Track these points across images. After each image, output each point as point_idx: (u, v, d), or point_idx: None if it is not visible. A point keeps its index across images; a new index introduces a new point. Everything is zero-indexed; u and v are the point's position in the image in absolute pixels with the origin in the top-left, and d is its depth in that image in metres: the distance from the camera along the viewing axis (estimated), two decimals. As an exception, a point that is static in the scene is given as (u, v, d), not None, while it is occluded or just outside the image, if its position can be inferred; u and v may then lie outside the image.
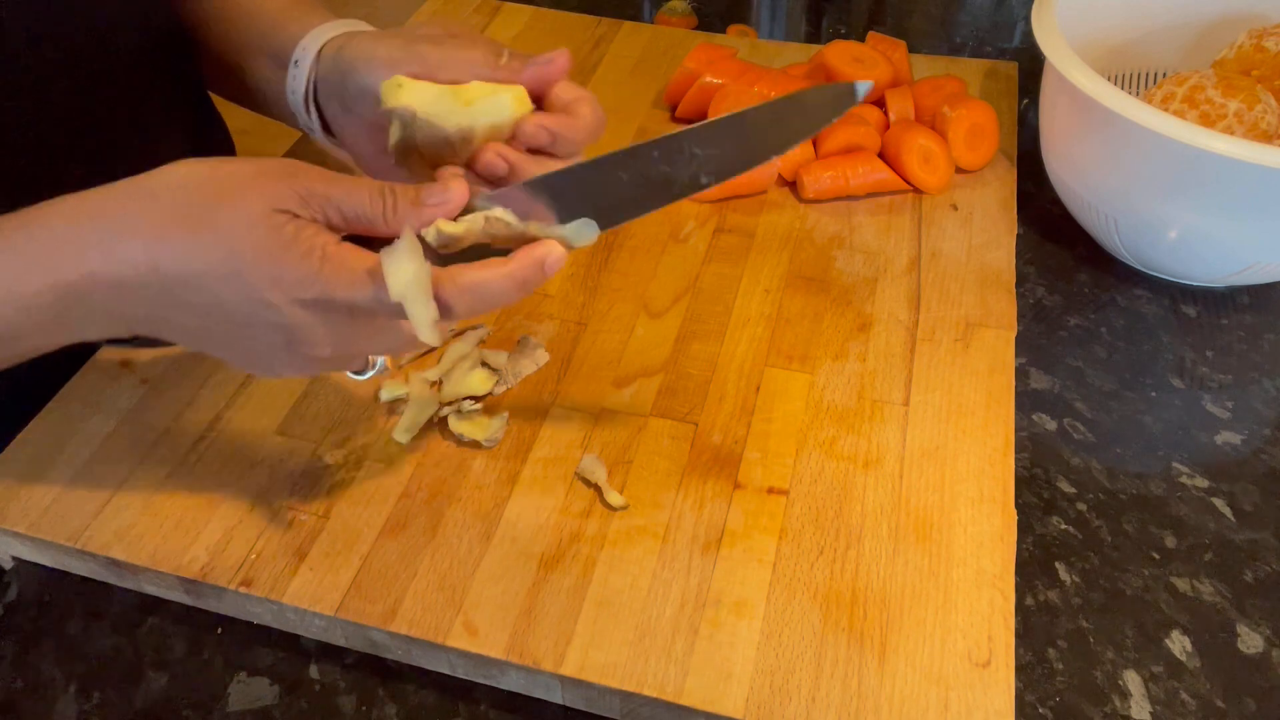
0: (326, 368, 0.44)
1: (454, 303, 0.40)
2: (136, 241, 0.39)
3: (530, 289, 0.42)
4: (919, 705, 0.42)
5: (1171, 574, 0.50)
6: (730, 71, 0.73)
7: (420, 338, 0.39)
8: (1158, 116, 0.54)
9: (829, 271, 0.62)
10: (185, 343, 0.43)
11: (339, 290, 0.39)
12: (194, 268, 0.39)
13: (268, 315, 0.39)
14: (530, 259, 0.41)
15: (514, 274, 0.41)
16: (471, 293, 0.40)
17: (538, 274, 0.42)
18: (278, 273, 0.39)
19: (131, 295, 0.40)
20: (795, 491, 0.50)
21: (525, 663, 0.43)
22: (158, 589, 0.49)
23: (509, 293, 0.41)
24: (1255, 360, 0.60)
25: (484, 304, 0.41)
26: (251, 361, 0.43)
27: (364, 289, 0.39)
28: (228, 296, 0.39)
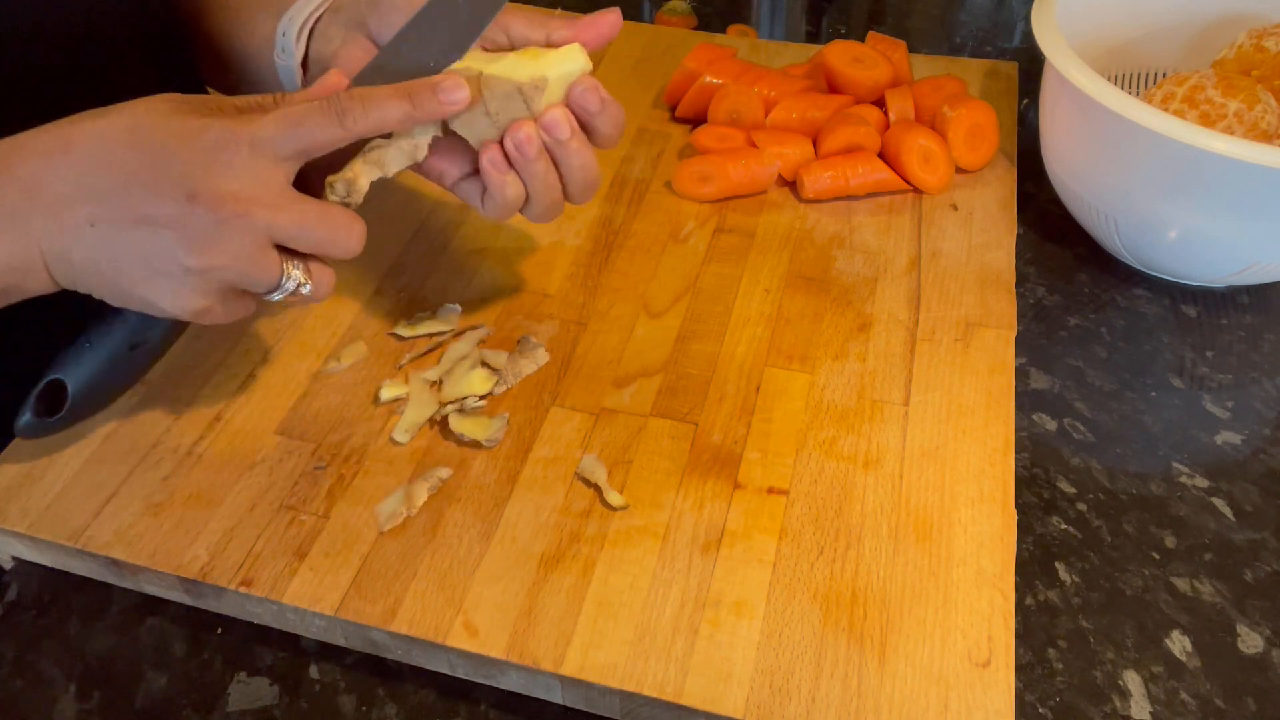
0: (234, 249, 0.42)
1: (349, 106, 0.42)
2: (43, 140, 0.42)
3: (422, 107, 0.44)
4: (919, 705, 0.42)
5: (1171, 574, 0.50)
6: (730, 71, 0.73)
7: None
8: (1158, 116, 0.54)
9: (829, 271, 0.62)
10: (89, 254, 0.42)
11: (241, 124, 0.41)
12: (101, 139, 0.41)
13: (170, 164, 0.40)
14: (427, 79, 0.44)
15: (405, 86, 0.44)
16: (365, 98, 0.43)
17: (429, 92, 0.44)
18: (181, 123, 0.41)
19: (38, 183, 0.41)
20: (795, 491, 0.50)
21: (525, 663, 0.43)
22: (158, 589, 0.49)
23: (398, 100, 0.43)
24: (1255, 360, 0.60)
25: (378, 110, 0.43)
26: (156, 259, 0.42)
27: (269, 119, 0.41)
28: (127, 157, 0.41)
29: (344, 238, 0.44)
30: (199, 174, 0.40)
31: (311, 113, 0.42)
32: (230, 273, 0.42)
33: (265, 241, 0.43)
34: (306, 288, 0.45)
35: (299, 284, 0.44)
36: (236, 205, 0.41)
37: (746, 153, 0.67)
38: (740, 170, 0.66)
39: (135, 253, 0.42)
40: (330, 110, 0.42)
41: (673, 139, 0.73)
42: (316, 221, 0.43)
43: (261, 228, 0.42)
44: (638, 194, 0.68)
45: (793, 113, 0.70)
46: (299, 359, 0.57)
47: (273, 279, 0.43)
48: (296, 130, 0.42)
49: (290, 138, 0.42)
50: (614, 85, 0.78)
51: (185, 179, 0.40)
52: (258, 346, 0.58)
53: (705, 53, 0.74)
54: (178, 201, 0.40)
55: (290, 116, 0.42)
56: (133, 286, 0.43)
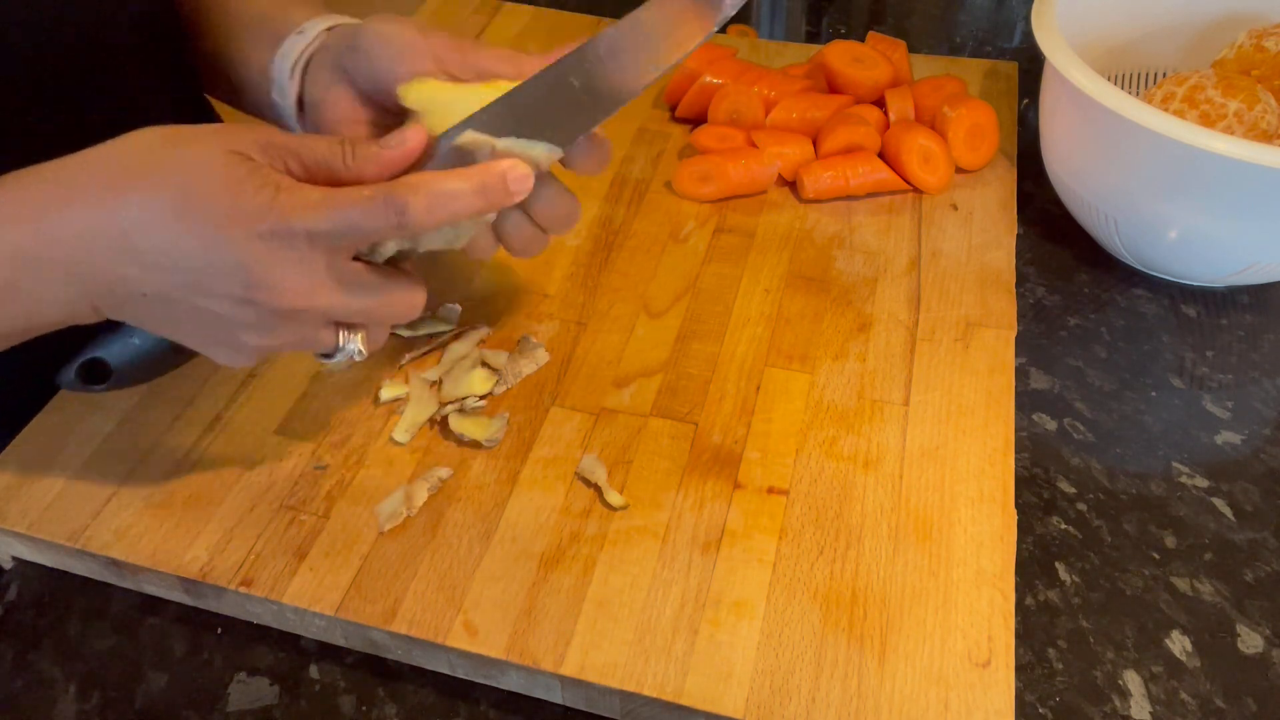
0: (292, 336, 0.41)
1: (411, 202, 0.39)
2: (92, 194, 0.39)
3: (491, 199, 0.41)
4: (919, 705, 0.42)
5: (1171, 574, 0.50)
6: (730, 71, 0.73)
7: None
8: (1158, 116, 0.54)
9: (829, 271, 0.62)
10: (145, 317, 0.42)
11: (296, 215, 0.38)
12: (149, 210, 0.39)
13: (225, 254, 0.38)
14: (493, 167, 0.42)
15: (472, 176, 0.41)
16: (430, 194, 0.40)
17: (500, 183, 0.42)
18: (233, 204, 0.38)
19: (86, 251, 0.39)
20: (795, 491, 0.50)
21: (525, 663, 0.43)
22: (158, 589, 0.49)
23: (468, 196, 0.41)
24: (1255, 360, 0.60)
25: (443, 207, 0.40)
26: (213, 330, 0.41)
27: (323, 212, 0.39)
28: (183, 237, 0.38)
29: (402, 311, 0.44)
30: (255, 268, 0.39)
31: (370, 208, 0.39)
32: (287, 348, 0.42)
33: (324, 323, 0.42)
34: (361, 355, 0.44)
35: (355, 353, 0.44)
36: (295, 299, 0.40)
37: (746, 153, 0.67)
38: (740, 170, 0.66)
39: (191, 323, 0.41)
40: (390, 209, 0.39)
41: (673, 139, 0.73)
42: (375, 305, 0.42)
43: (320, 315, 0.41)
44: (638, 194, 0.68)
45: (793, 113, 0.70)
46: (299, 359, 0.57)
47: (329, 349, 0.43)
48: (352, 225, 0.39)
49: (347, 234, 0.40)
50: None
51: (241, 271, 0.39)
52: (258, 346, 0.58)
53: (705, 53, 0.74)
54: (233, 293, 0.39)
55: (348, 209, 0.39)
56: (190, 343, 0.43)
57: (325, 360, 0.44)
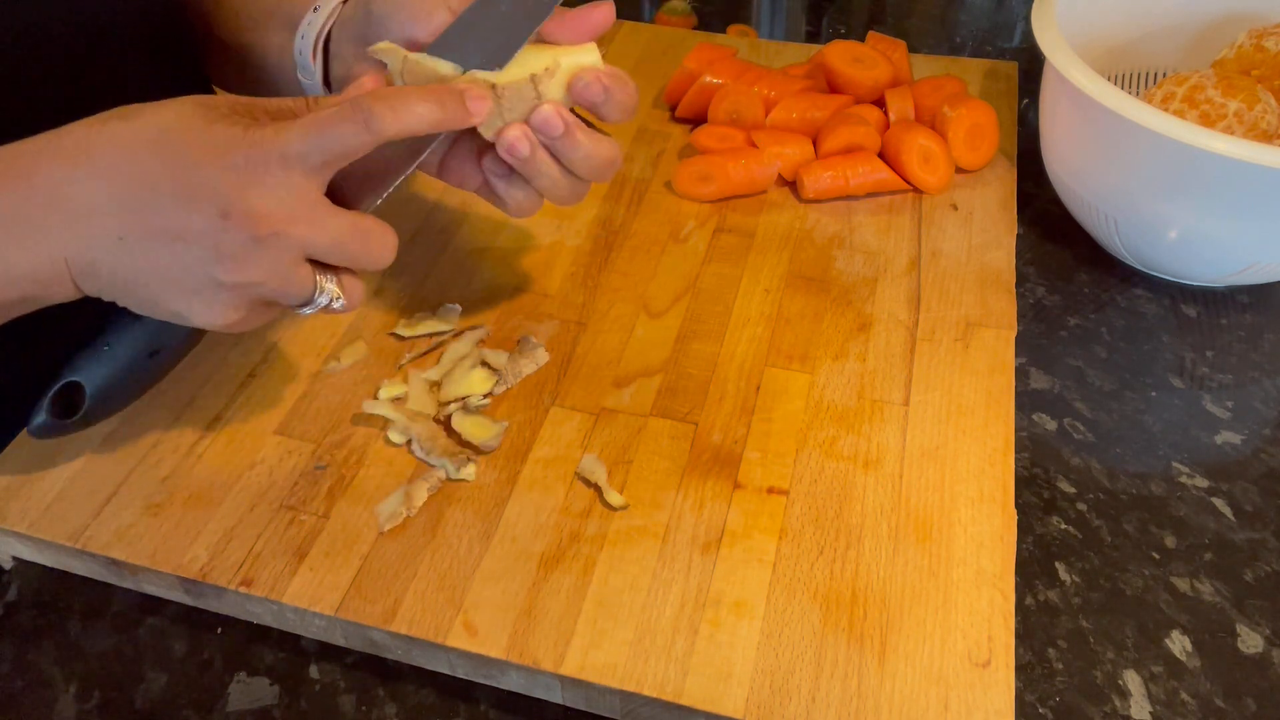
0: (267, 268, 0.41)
1: (376, 109, 0.41)
2: (65, 148, 0.40)
3: (449, 113, 0.43)
4: (919, 705, 0.42)
5: (1171, 574, 0.50)
6: (730, 71, 0.73)
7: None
8: (1158, 116, 0.54)
9: (829, 271, 0.62)
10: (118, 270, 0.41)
11: (268, 139, 0.40)
12: (125, 150, 0.40)
13: (200, 180, 0.39)
14: (452, 87, 0.44)
15: (432, 91, 0.43)
16: (392, 102, 0.41)
17: (457, 101, 0.43)
18: (206, 138, 0.39)
19: (63, 200, 0.40)
20: (795, 491, 0.50)
21: (525, 663, 0.43)
22: (158, 589, 0.49)
23: (427, 106, 0.42)
24: (1255, 360, 0.60)
25: (405, 115, 0.42)
26: (189, 274, 0.41)
27: (293, 131, 0.40)
28: (159, 169, 0.39)
29: (377, 250, 0.44)
30: (231, 191, 0.39)
31: (337, 118, 0.41)
32: (264, 289, 0.42)
33: (299, 257, 0.42)
34: (339, 302, 0.44)
35: (332, 297, 0.44)
36: (271, 223, 0.40)
37: (746, 153, 0.67)
38: (740, 170, 0.66)
39: (166, 268, 0.41)
40: (357, 115, 0.41)
41: (673, 139, 0.73)
42: (350, 236, 0.43)
43: (295, 244, 0.41)
44: (638, 194, 0.68)
45: (793, 113, 0.70)
46: (299, 359, 0.57)
47: (306, 293, 0.43)
48: (323, 138, 0.40)
49: (318, 147, 0.40)
50: (614, 85, 0.78)
51: (217, 196, 0.39)
52: (258, 346, 0.58)
53: (705, 53, 0.74)
54: (210, 219, 0.39)
55: (316, 124, 0.40)
56: (163, 299, 0.42)
57: (303, 310, 0.44)
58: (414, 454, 0.52)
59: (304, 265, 0.42)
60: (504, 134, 0.46)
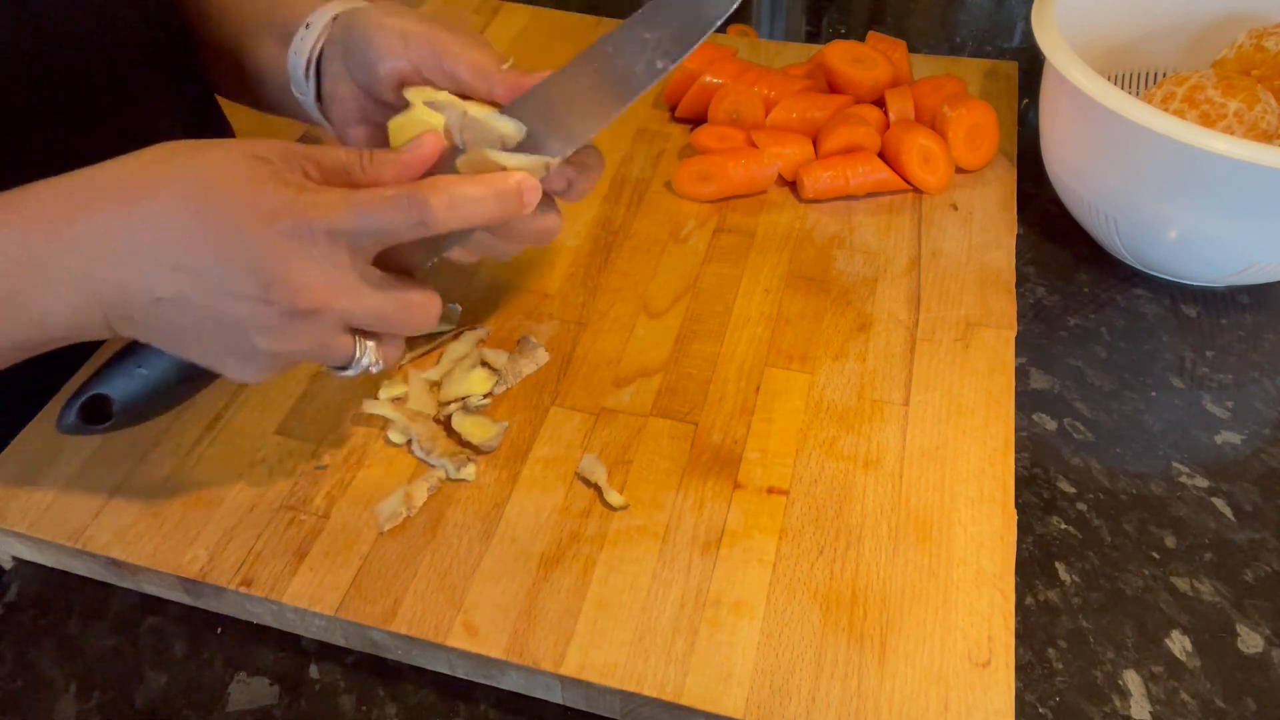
0: (308, 341, 0.41)
1: (432, 201, 0.40)
2: (111, 198, 0.39)
3: (506, 207, 0.42)
4: (919, 705, 0.42)
5: (1171, 574, 0.50)
6: (730, 71, 0.73)
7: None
8: (1158, 116, 0.54)
9: (829, 271, 0.62)
10: (156, 326, 0.41)
11: (318, 212, 0.38)
12: (170, 209, 0.38)
13: (244, 250, 0.38)
14: (509, 177, 0.42)
15: (491, 183, 0.41)
16: (450, 195, 0.40)
17: (515, 193, 0.42)
18: (254, 202, 0.38)
19: (103, 253, 0.39)
20: (795, 491, 0.50)
21: (525, 663, 0.43)
22: (158, 589, 0.49)
23: (486, 201, 0.41)
24: (1255, 360, 0.60)
25: (462, 209, 0.41)
26: (227, 337, 0.40)
27: (345, 210, 0.39)
28: (203, 234, 0.38)
29: (419, 319, 0.43)
30: (274, 265, 0.38)
31: (391, 206, 0.40)
32: (301, 356, 0.41)
33: (340, 329, 0.41)
34: (377, 366, 0.44)
35: (371, 361, 0.43)
36: (314, 298, 0.39)
37: (746, 153, 0.67)
38: (740, 170, 0.66)
39: (205, 330, 0.40)
40: (412, 206, 0.40)
41: (673, 139, 0.73)
42: (393, 309, 0.42)
43: (338, 318, 0.41)
44: (638, 194, 0.68)
45: (793, 113, 0.70)
46: (299, 359, 0.57)
47: (345, 360, 0.43)
48: (374, 224, 0.39)
49: (368, 230, 0.40)
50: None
51: (261, 269, 0.38)
52: (258, 346, 0.58)
53: (705, 52, 0.74)
54: (251, 289, 0.38)
55: (369, 206, 0.39)
56: (198, 355, 0.42)
57: (341, 373, 0.44)
58: (414, 454, 0.52)
59: (344, 335, 0.42)
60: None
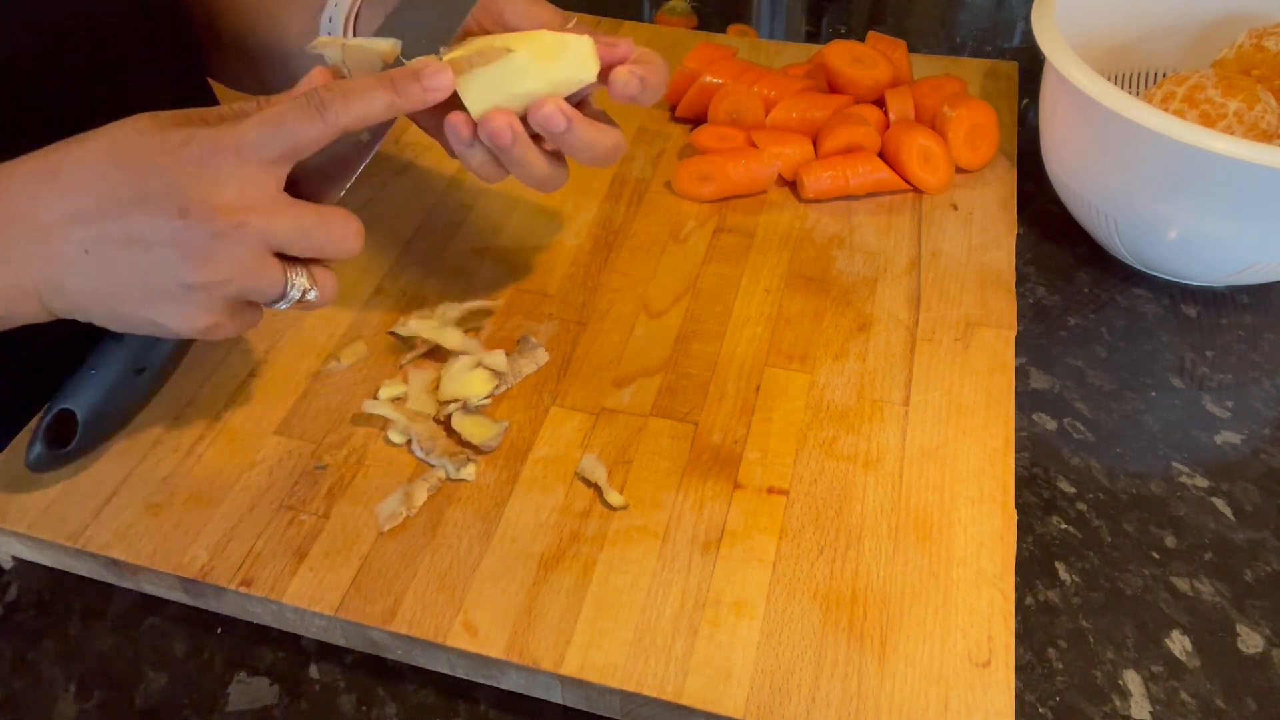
0: (234, 263, 0.41)
1: (329, 99, 0.41)
2: (24, 167, 0.41)
3: (405, 95, 0.43)
4: (919, 705, 0.42)
5: (1171, 574, 0.50)
6: (730, 71, 0.73)
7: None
8: (1158, 116, 0.54)
9: (829, 271, 0.62)
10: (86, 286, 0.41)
11: (223, 132, 0.40)
12: (83, 161, 0.40)
13: (157, 178, 0.39)
14: (406, 67, 0.44)
15: (386, 75, 0.43)
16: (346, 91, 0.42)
17: (412, 80, 0.43)
18: (161, 139, 0.40)
19: (25, 216, 0.40)
20: (795, 491, 0.50)
21: (525, 663, 0.43)
22: (158, 589, 0.49)
23: (382, 91, 0.43)
24: (1255, 360, 0.60)
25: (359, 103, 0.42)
26: (156, 278, 0.41)
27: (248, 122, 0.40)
28: (115, 174, 0.40)
29: (342, 238, 0.43)
30: (188, 187, 0.39)
31: (292, 110, 0.41)
32: (233, 286, 0.42)
33: (264, 250, 0.42)
34: (312, 293, 0.44)
35: (304, 290, 0.44)
36: (230, 216, 0.40)
37: (746, 153, 0.67)
38: (740, 170, 0.66)
39: (133, 275, 0.41)
40: (310, 105, 0.41)
41: (673, 139, 0.73)
42: (314, 224, 0.42)
43: (258, 236, 0.41)
44: (638, 194, 0.68)
45: (793, 112, 0.70)
46: (299, 359, 0.57)
47: (277, 288, 0.43)
48: (279, 130, 0.41)
49: (274, 139, 0.41)
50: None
51: (175, 194, 0.39)
52: (258, 346, 0.58)
53: (705, 52, 0.74)
54: (169, 218, 0.39)
55: (271, 117, 0.41)
56: (135, 309, 0.42)
57: (278, 306, 0.44)
58: (414, 454, 0.52)
59: (270, 258, 0.42)
60: (488, 120, 0.46)
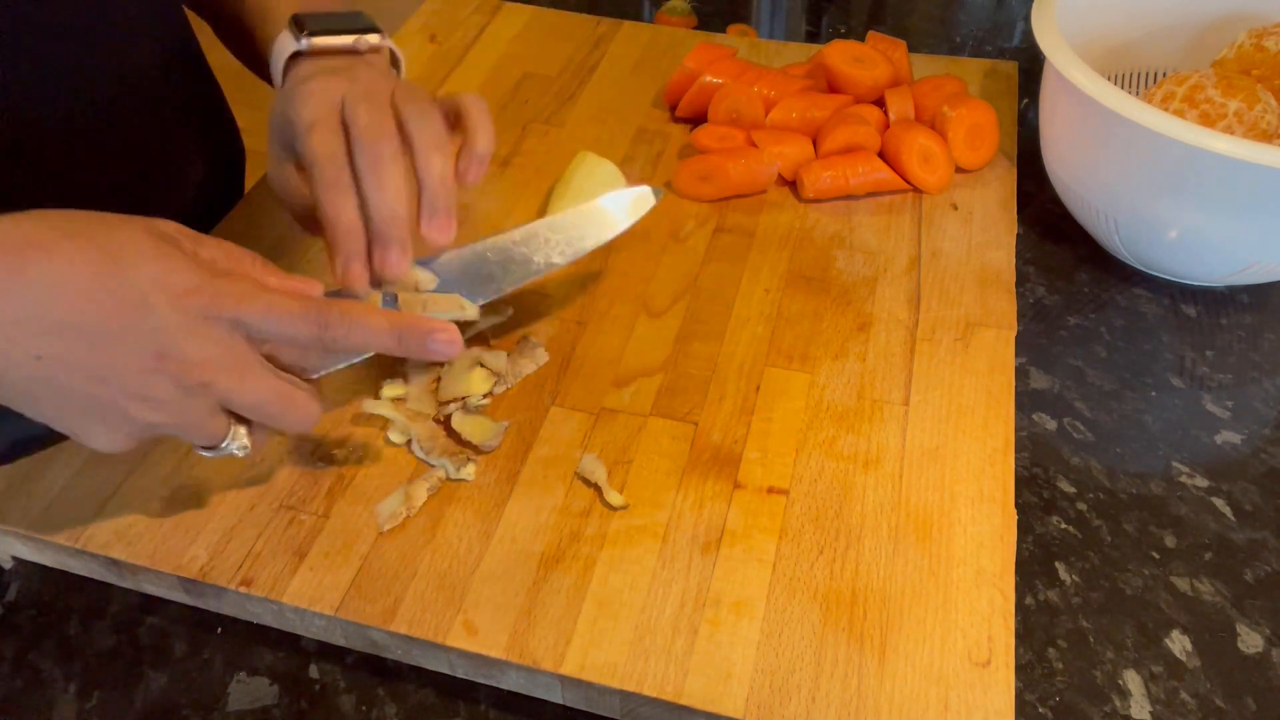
0: (186, 416, 0.40)
1: (334, 324, 0.41)
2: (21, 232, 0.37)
3: (405, 346, 0.43)
4: (919, 705, 0.42)
5: (1171, 574, 0.50)
6: (730, 71, 0.73)
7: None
8: (1158, 116, 0.54)
9: (829, 271, 0.62)
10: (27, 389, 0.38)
11: (228, 301, 0.39)
12: (67, 269, 0.37)
13: (144, 320, 0.38)
14: (420, 322, 0.44)
15: (398, 321, 0.43)
16: (353, 322, 0.41)
17: (419, 338, 0.43)
18: (161, 275, 0.38)
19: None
20: (795, 491, 0.50)
21: (525, 662, 0.43)
22: (158, 589, 0.49)
23: (384, 335, 0.43)
24: (1255, 360, 0.60)
25: (359, 338, 0.42)
26: (101, 404, 0.39)
27: (253, 305, 0.39)
28: (100, 299, 0.37)
29: (297, 421, 0.43)
30: (175, 337, 0.38)
31: (296, 316, 0.40)
32: (170, 429, 0.41)
33: (218, 407, 0.41)
34: (243, 452, 0.44)
35: (240, 447, 0.43)
36: (202, 374, 0.39)
37: (746, 152, 0.67)
38: (740, 170, 0.66)
39: (81, 394, 0.39)
40: (314, 321, 0.41)
41: (673, 139, 0.73)
42: (274, 400, 0.42)
43: (220, 396, 0.40)
44: (638, 194, 0.68)
45: (793, 112, 0.70)
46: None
47: (215, 440, 0.42)
48: (277, 322, 0.40)
49: (269, 327, 0.40)
50: (614, 85, 0.78)
51: (158, 338, 0.38)
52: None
53: (705, 52, 0.74)
54: (143, 359, 0.38)
55: (276, 312, 0.40)
56: (63, 419, 0.40)
57: (205, 453, 0.43)
58: (414, 454, 0.52)
59: (220, 415, 0.42)
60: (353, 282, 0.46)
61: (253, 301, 0.40)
